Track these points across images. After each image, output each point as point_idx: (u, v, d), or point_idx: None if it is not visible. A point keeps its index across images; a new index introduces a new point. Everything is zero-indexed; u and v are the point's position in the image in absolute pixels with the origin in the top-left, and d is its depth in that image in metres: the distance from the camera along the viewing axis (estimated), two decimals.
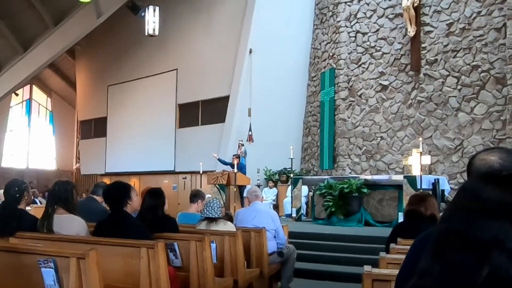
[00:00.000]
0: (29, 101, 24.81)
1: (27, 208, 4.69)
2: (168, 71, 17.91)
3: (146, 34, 15.35)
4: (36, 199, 12.80)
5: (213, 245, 4.50)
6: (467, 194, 0.76)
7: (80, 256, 2.84)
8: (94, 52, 21.26)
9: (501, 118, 11.25)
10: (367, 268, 2.55)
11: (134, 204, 3.84)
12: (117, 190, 3.84)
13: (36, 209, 7.73)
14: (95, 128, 21.71)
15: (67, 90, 24.86)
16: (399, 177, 10.21)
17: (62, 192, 3.88)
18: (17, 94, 23.25)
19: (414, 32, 12.59)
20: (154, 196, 4.47)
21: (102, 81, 20.77)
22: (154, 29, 15.18)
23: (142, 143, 18.46)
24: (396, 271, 2.00)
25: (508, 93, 10.98)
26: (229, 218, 5.98)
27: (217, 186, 12.45)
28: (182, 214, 6.06)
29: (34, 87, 24.71)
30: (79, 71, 22.82)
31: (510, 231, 0.67)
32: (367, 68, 13.90)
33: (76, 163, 24.87)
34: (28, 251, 3.07)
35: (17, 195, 4.07)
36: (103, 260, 3.06)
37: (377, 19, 13.78)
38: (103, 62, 20.76)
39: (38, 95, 25.20)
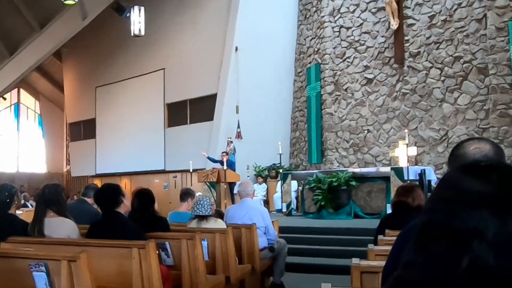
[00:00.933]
0: (17, 105, 24.65)
1: (18, 212, 4.68)
2: (155, 71, 17.90)
3: (132, 34, 15.31)
4: (27, 203, 12.80)
5: (205, 243, 4.53)
6: (448, 185, 0.77)
7: (71, 259, 2.86)
8: (81, 54, 21.17)
9: (484, 107, 11.40)
10: (355, 260, 2.60)
11: (128, 202, 3.91)
12: (109, 191, 3.87)
13: (27, 213, 7.74)
14: (84, 129, 21.61)
15: (55, 92, 24.74)
16: (387, 169, 10.29)
17: (52, 195, 3.87)
18: (4, 98, 23.08)
19: (397, 25, 12.69)
20: (143, 197, 4.52)
21: (90, 83, 20.70)
22: (140, 30, 15.14)
23: (132, 144, 18.44)
24: (384, 263, 2.01)
25: (490, 83, 11.13)
26: (220, 215, 6.01)
27: (208, 183, 12.49)
28: (173, 213, 6.11)
29: (21, 90, 24.55)
30: (66, 74, 22.70)
31: (490, 222, 0.68)
32: (352, 62, 13.99)
33: (66, 165, 24.77)
34: (19, 256, 3.08)
35: (7, 200, 4.05)
36: (95, 262, 3.07)
37: (360, 13, 13.86)
38: (90, 64, 20.68)
39: (26, 98, 25.06)
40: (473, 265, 0.67)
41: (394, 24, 12.74)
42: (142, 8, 15.27)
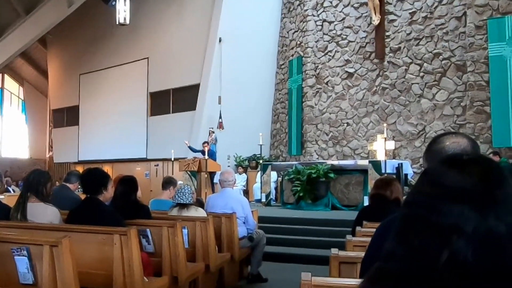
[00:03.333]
0: (1, 90, 24.53)
1: (0, 196, 4.67)
2: (140, 60, 17.89)
3: (117, 23, 15.22)
4: (9, 188, 12.73)
5: (185, 231, 4.57)
6: (429, 178, 0.78)
7: (53, 244, 2.85)
8: (66, 41, 21.07)
9: (461, 104, 11.66)
10: (334, 251, 2.65)
11: (108, 194, 3.85)
12: (95, 177, 3.84)
13: (9, 198, 7.68)
14: (67, 116, 21.57)
15: (39, 79, 24.61)
16: (365, 162, 10.47)
17: (35, 182, 3.87)
18: None
19: (378, 21, 12.86)
20: (127, 183, 4.53)
21: (74, 70, 20.65)
22: (125, 18, 15.06)
23: (114, 131, 18.43)
24: (362, 254, 2.10)
25: (468, 80, 11.37)
26: (200, 204, 6.08)
27: (189, 172, 12.55)
28: (155, 200, 6.16)
29: (6, 76, 24.45)
30: (51, 60, 22.57)
31: (469, 217, 0.69)
32: (333, 56, 14.13)
33: (49, 152, 24.66)
34: (1, 239, 3.04)
35: None
36: (77, 247, 3.08)
37: (342, 8, 13.98)
38: (75, 51, 20.62)
39: (10, 84, 24.97)
40: (452, 259, 0.69)
41: (376, 20, 12.89)
42: None
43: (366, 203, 9.12)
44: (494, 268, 0.69)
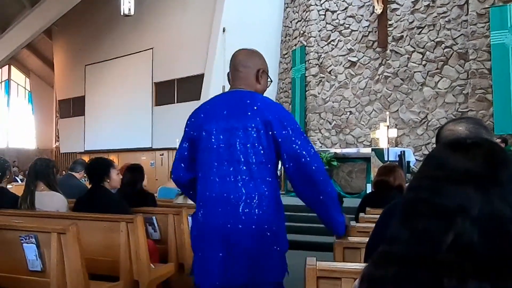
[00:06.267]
0: (7, 82, 24.74)
1: (8, 186, 4.70)
2: (144, 50, 18.00)
3: (122, 14, 15.30)
4: (16, 177, 12.91)
5: (190, 218, 4.69)
6: (433, 162, 0.78)
7: (61, 231, 2.87)
8: (71, 32, 21.21)
9: (463, 92, 11.69)
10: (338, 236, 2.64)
11: (113, 182, 3.86)
12: (97, 166, 3.87)
13: (16, 187, 7.74)
14: (73, 107, 21.80)
15: (45, 70, 24.79)
16: (367, 150, 10.50)
17: (43, 168, 3.87)
18: None
19: (381, 10, 12.84)
20: (134, 171, 4.62)
21: (80, 61, 20.82)
22: (129, 9, 15.14)
23: (120, 121, 18.59)
24: (365, 239, 2.12)
25: (470, 68, 11.38)
26: None
27: None
28: (163, 188, 6.29)
29: (12, 67, 24.67)
30: (56, 51, 22.72)
31: (474, 199, 0.69)
32: (336, 45, 14.13)
33: (55, 142, 24.90)
34: (10, 228, 3.07)
35: (0, 174, 4.05)
36: (84, 235, 3.10)
37: None
38: (80, 42, 20.77)
39: (17, 75, 25.23)
40: (457, 242, 0.69)
41: (378, 9, 12.88)
42: None
43: (369, 190, 9.19)
44: (499, 249, 0.69)
